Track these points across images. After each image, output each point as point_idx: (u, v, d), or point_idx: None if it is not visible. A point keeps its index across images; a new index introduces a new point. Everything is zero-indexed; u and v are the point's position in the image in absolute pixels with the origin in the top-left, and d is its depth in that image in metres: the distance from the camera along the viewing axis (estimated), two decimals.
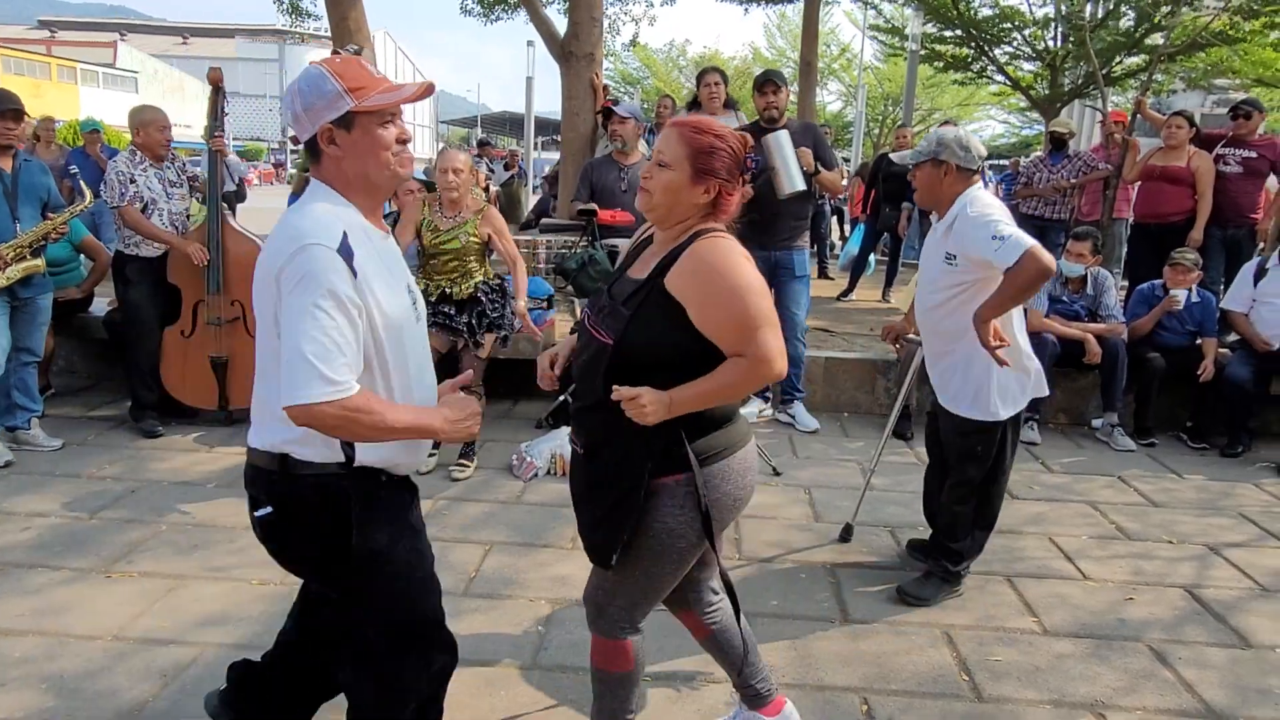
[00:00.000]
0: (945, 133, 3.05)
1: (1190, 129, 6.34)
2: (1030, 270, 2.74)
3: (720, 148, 1.92)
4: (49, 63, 38.04)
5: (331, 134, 1.75)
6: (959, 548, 3.26)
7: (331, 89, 1.72)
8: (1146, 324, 5.35)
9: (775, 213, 4.93)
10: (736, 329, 1.86)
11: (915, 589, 3.25)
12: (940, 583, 3.27)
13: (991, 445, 3.15)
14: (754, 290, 1.86)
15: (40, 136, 9.56)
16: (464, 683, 2.64)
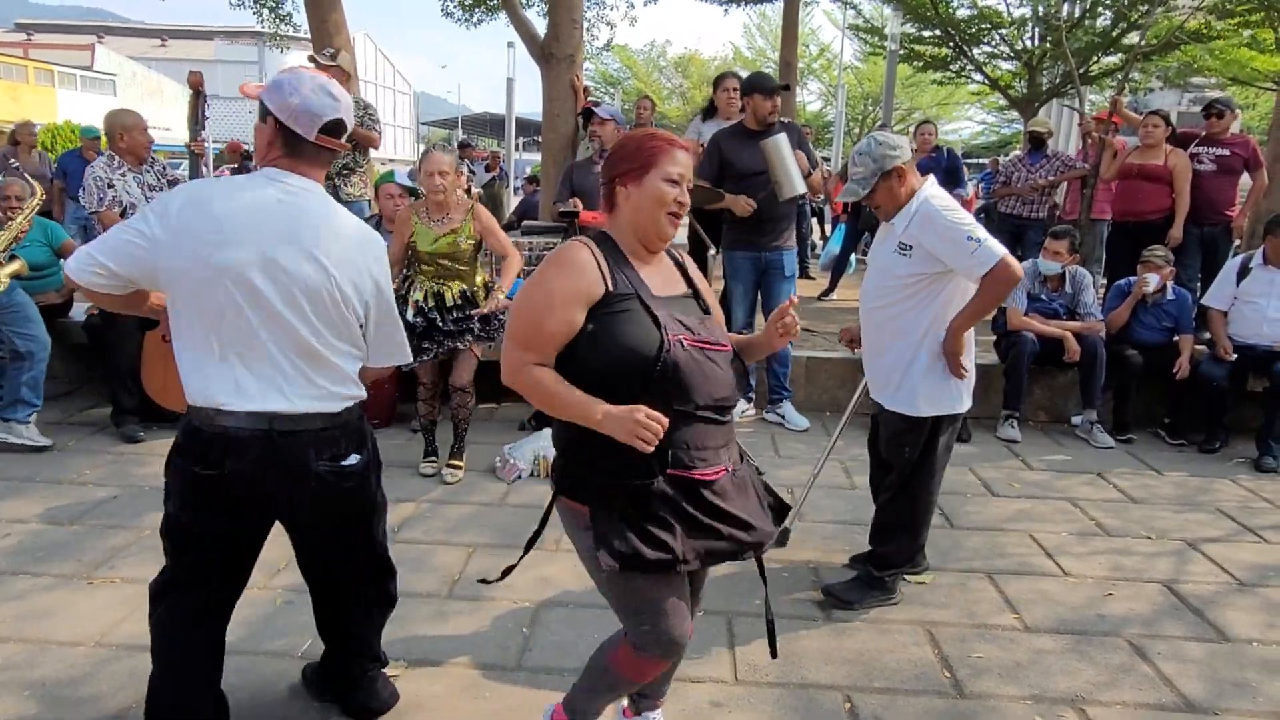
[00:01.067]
0: (868, 146, 3.00)
1: (1166, 128, 6.41)
2: (1005, 277, 2.83)
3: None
4: (26, 65, 37.57)
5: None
6: (884, 551, 3.21)
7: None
8: (1123, 313, 5.41)
9: (763, 215, 4.96)
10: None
11: (841, 591, 3.21)
12: (866, 588, 3.21)
13: (917, 446, 3.09)
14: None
15: (20, 140, 9.50)
16: (449, 684, 2.65)
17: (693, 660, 2.81)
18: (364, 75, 51.28)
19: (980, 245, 2.82)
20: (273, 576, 3.27)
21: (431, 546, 3.60)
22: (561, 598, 3.20)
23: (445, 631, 2.96)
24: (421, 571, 3.36)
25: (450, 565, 3.44)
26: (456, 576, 3.35)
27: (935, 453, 3.11)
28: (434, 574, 3.36)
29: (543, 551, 3.58)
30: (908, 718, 2.57)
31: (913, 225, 2.96)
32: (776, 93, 4.98)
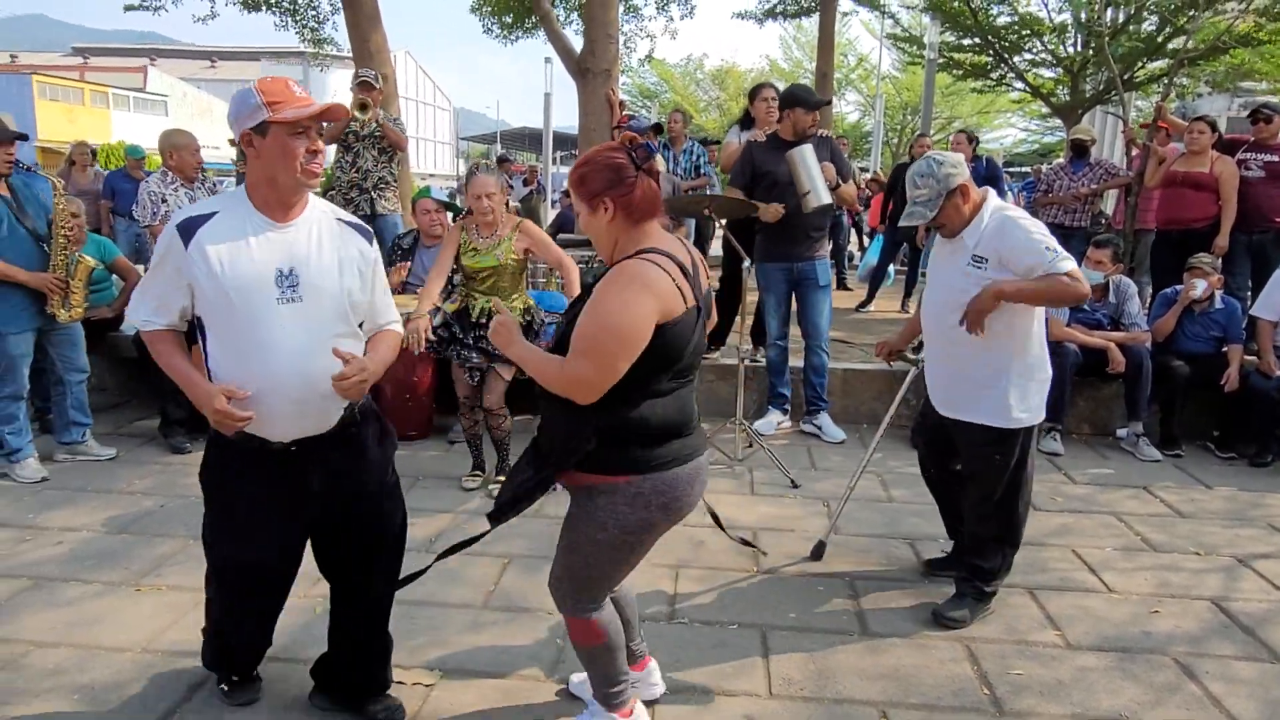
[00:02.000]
0: (928, 168, 2.99)
1: (1213, 134, 6.28)
2: (1067, 287, 2.85)
3: (584, 171, 2.08)
4: (82, 88, 38.87)
5: (250, 138, 2.11)
6: (990, 567, 3.21)
7: (254, 101, 2.08)
8: (1169, 321, 5.31)
9: (796, 225, 4.95)
10: (574, 343, 2.00)
11: (951, 610, 3.17)
12: (974, 603, 3.21)
13: (1010, 455, 3.09)
14: (603, 322, 1.95)
15: (75, 160, 9.83)
16: (483, 694, 2.67)
17: (727, 673, 2.81)
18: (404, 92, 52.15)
19: (1056, 255, 2.85)
20: (312, 585, 3.31)
21: (467, 558, 3.61)
22: None
23: (479, 642, 2.98)
24: (457, 583, 3.40)
25: (485, 576, 3.46)
26: (491, 588, 3.38)
27: (1029, 461, 3.15)
28: (469, 585, 3.39)
29: None
30: None
31: (986, 237, 2.95)
32: (818, 107, 4.99)
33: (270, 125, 2.07)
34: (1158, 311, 5.46)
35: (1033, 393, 3.08)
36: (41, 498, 4.18)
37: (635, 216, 2.05)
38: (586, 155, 2.12)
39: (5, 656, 2.81)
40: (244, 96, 2.11)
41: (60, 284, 4.34)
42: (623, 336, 1.93)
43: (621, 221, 2.05)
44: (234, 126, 2.13)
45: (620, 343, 1.94)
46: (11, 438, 4.37)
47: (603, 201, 2.04)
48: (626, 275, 1.97)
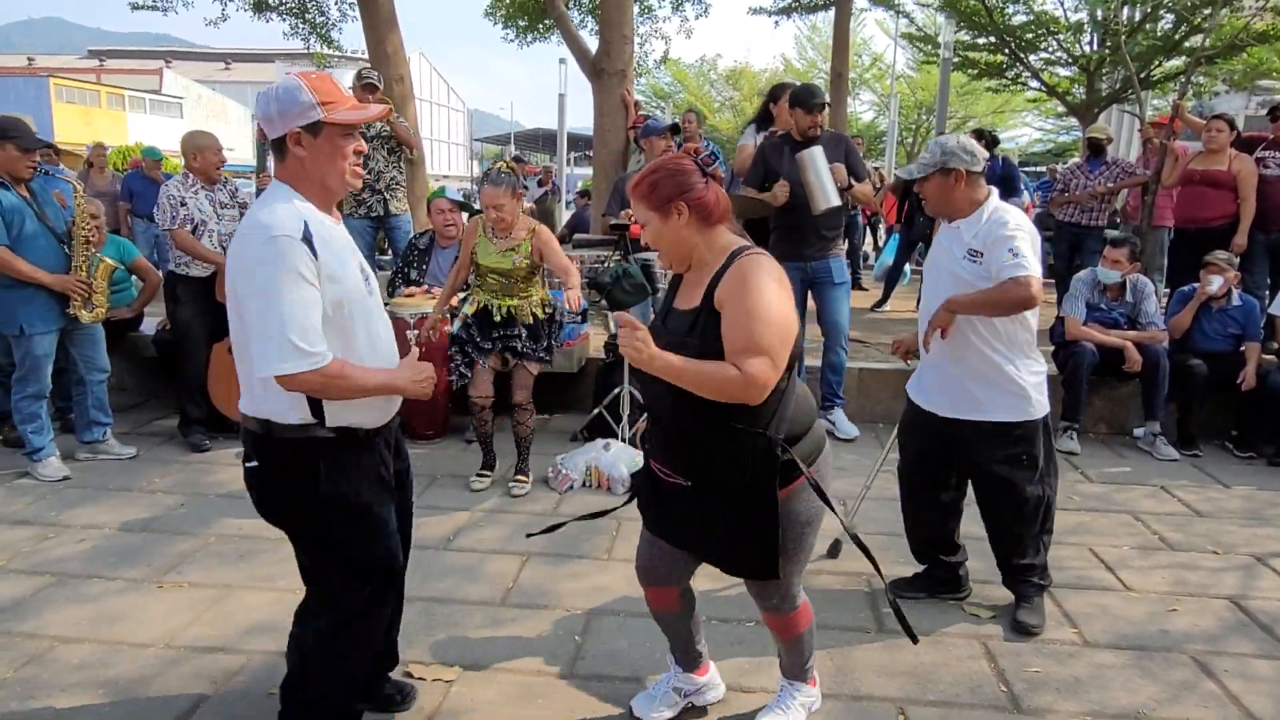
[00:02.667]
0: (946, 141, 3.03)
1: (1231, 132, 6.25)
2: (1008, 292, 2.85)
3: (655, 178, 2.10)
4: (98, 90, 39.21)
5: (299, 138, 2.02)
6: (1040, 563, 3.19)
7: (306, 99, 2.00)
8: (1185, 318, 5.28)
9: (807, 226, 4.95)
10: (740, 344, 1.99)
11: (1030, 618, 3.12)
12: (1043, 601, 3.22)
13: (1037, 445, 3.06)
14: (769, 318, 1.99)
15: (93, 163, 9.94)
16: (502, 690, 2.69)
17: (744, 670, 2.82)
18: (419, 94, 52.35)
19: (1016, 260, 2.85)
20: None
21: (486, 555, 3.66)
22: (613, 606, 3.23)
23: (498, 638, 3.00)
24: (476, 579, 3.42)
25: (504, 573, 3.49)
26: (510, 585, 3.40)
27: (1053, 447, 3.15)
28: (488, 582, 3.41)
29: (595, 561, 3.62)
30: None
31: (982, 232, 2.97)
32: (816, 110, 4.98)
33: (324, 126, 2.01)
34: (1174, 309, 5.44)
35: (1040, 378, 3.07)
36: (63, 496, 4.24)
37: (711, 219, 2.10)
38: (652, 165, 2.14)
39: (31, 651, 2.86)
40: (292, 93, 2.00)
41: (83, 285, 4.40)
42: (787, 329, 2.01)
43: (696, 225, 2.09)
44: (276, 123, 2.01)
45: (785, 336, 2.00)
46: (34, 436, 4.43)
47: (676, 206, 2.07)
48: (763, 270, 2.03)
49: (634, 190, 2.13)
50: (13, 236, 4.20)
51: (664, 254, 2.18)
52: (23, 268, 4.20)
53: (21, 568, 3.46)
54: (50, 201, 4.42)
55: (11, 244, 4.19)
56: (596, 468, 4.44)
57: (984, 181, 3.05)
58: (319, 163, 2.04)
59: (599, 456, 4.48)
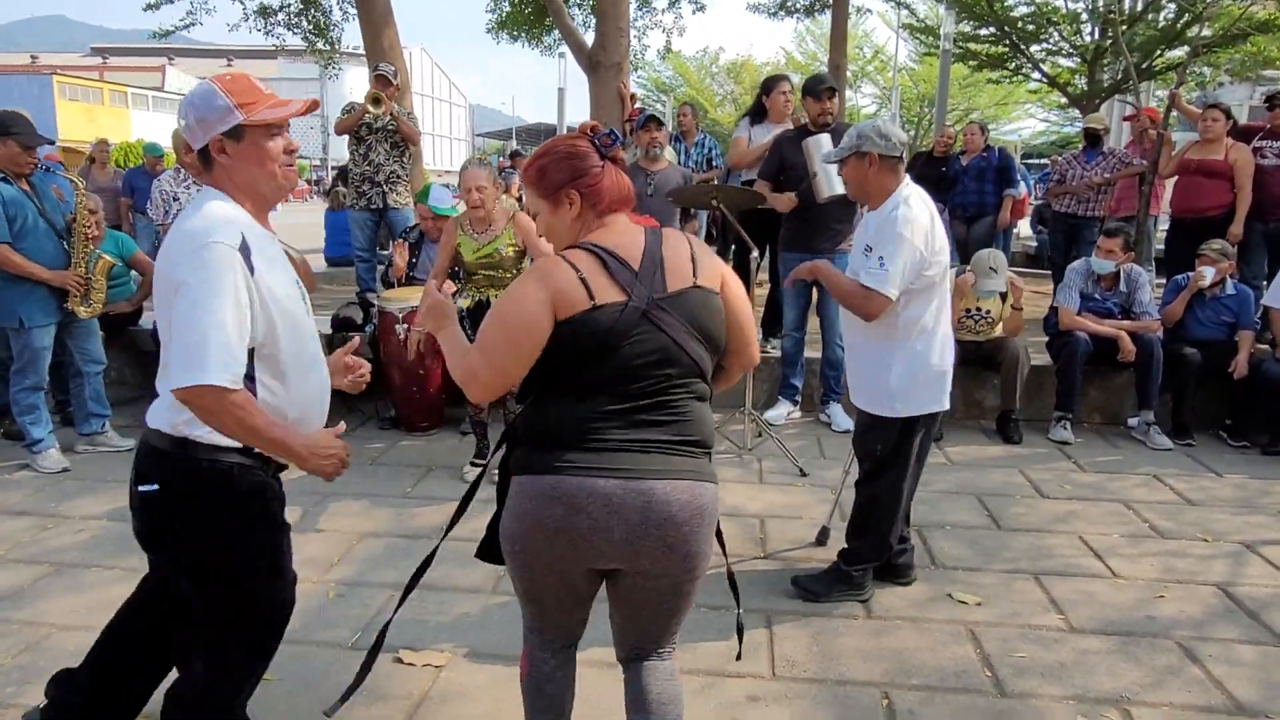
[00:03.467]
0: (863, 125, 3.07)
1: (1227, 121, 6.24)
2: (865, 304, 2.96)
3: (544, 163, 1.88)
4: (101, 88, 39.35)
5: (222, 144, 1.88)
6: (852, 547, 3.24)
7: (222, 104, 1.86)
8: (1177, 308, 5.29)
9: (817, 217, 4.95)
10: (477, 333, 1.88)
11: (809, 582, 3.25)
12: (833, 581, 3.23)
13: (888, 444, 3.10)
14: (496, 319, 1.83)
15: (95, 159, 10.00)
16: (492, 675, 2.73)
17: (731, 656, 2.84)
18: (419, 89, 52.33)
19: (882, 268, 2.90)
20: (326, 571, 3.39)
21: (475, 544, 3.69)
22: (603, 594, 3.25)
23: (490, 625, 3.04)
24: (469, 567, 3.44)
25: None
26: (501, 573, 3.43)
27: (908, 451, 3.13)
28: (480, 570, 3.44)
29: None
30: (946, 715, 2.57)
31: (882, 225, 2.99)
32: (824, 96, 5.00)
33: (245, 129, 1.87)
34: (1168, 298, 5.44)
35: (919, 385, 3.06)
36: (62, 488, 4.28)
37: (601, 209, 1.86)
38: (544, 146, 1.94)
39: (29, 639, 2.90)
40: (206, 97, 1.86)
41: (81, 281, 4.43)
42: (509, 331, 1.76)
43: (587, 215, 1.86)
44: (197, 132, 1.87)
45: (506, 337, 1.77)
46: (33, 428, 4.47)
47: (567, 194, 1.84)
48: (535, 272, 1.80)
49: (525, 174, 1.93)
50: (13, 232, 4.24)
51: (555, 246, 1.92)
52: (21, 263, 4.24)
53: (20, 557, 3.51)
54: (49, 197, 4.46)
55: (12, 239, 4.23)
56: None
57: (902, 170, 3.06)
58: (246, 168, 1.90)
59: None
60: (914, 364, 3.04)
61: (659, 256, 1.83)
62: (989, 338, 5.29)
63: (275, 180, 1.94)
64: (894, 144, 3.00)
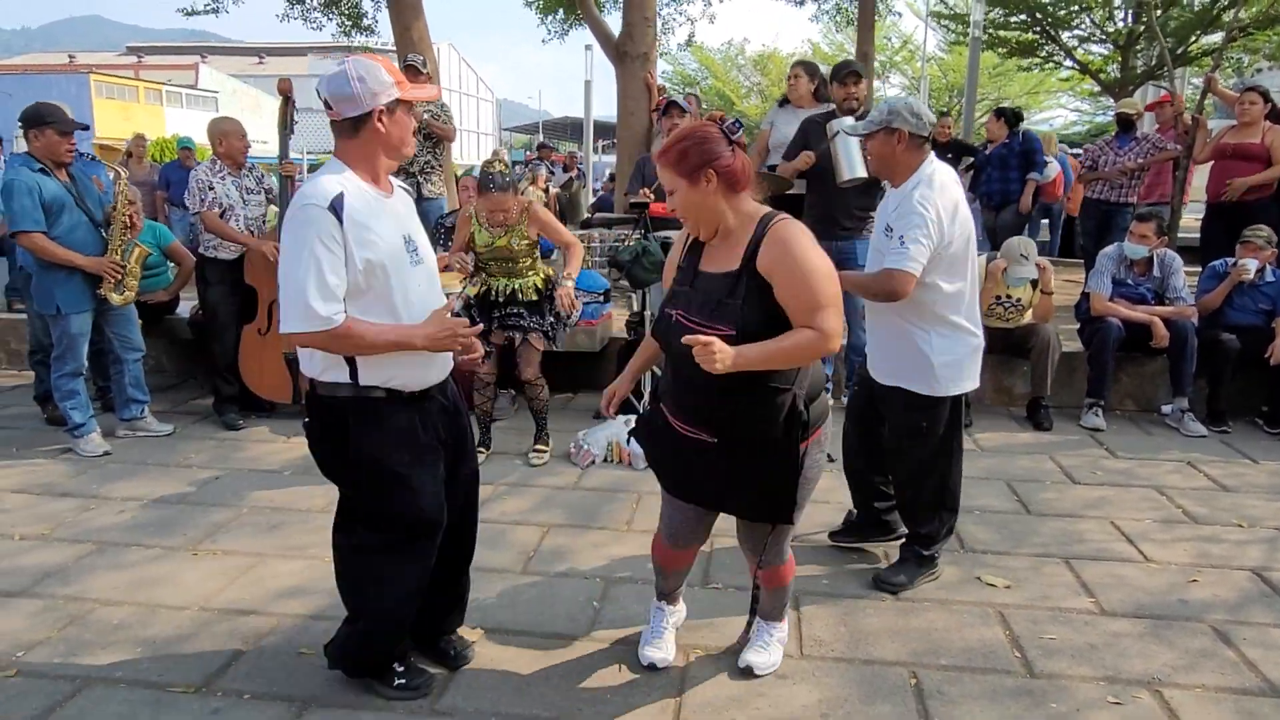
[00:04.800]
0: (895, 101, 3.04)
1: (1266, 104, 6.12)
2: (889, 286, 2.92)
3: (683, 146, 2.16)
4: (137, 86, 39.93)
5: (382, 114, 2.20)
6: (927, 531, 3.21)
7: (388, 79, 2.20)
8: (1217, 298, 5.21)
9: (839, 202, 4.93)
10: (807, 306, 2.13)
11: (891, 575, 3.20)
12: (915, 568, 3.23)
13: (938, 422, 3.09)
14: (822, 274, 2.15)
15: (132, 153, 10.21)
16: (521, 651, 2.77)
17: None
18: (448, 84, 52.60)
19: (903, 246, 2.88)
20: None
21: (508, 525, 3.74)
22: (632, 574, 3.29)
23: (519, 602, 3.08)
24: (498, 548, 3.50)
25: (526, 542, 3.56)
26: (531, 553, 3.47)
27: (959, 427, 3.15)
28: (510, 550, 3.49)
29: (614, 531, 3.69)
30: (974, 694, 2.57)
31: (902, 205, 2.97)
32: (848, 81, 4.98)
33: (400, 103, 2.22)
34: (1206, 285, 5.36)
35: (962, 362, 3.06)
36: (104, 470, 4.38)
37: (737, 185, 2.18)
38: (679, 133, 2.20)
39: (74, 612, 2.98)
40: (374, 72, 2.17)
41: (117, 268, 4.53)
42: (836, 280, 2.19)
43: (724, 191, 2.17)
44: (362, 101, 2.16)
45: (838, 287, 2.19)
46: (74, 413, 4.58)
47: (705, 173, 2.13)
48: (800, 232, 2.18)
49: (662, 157, 2.20)
50: (51, 222, 4.34)
51: (691, 221, 2.24)
52: (57, 251, 4.33)
53: (64, 536, 3.60)
54: (89, 188, 4.57)
55: (50, 229, 4.33)
56: (618, 443, 4.50)
57: (928, 149, 3.04)
58: (398, 134, 2.24)
59: (620, 433, 4.53)
60: (953, 341, 3.03)
61: None
62: (1019, 324, 5.24)
63: (407, 149, 2.30)
64: (924, 123, 2.99)
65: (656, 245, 4.69)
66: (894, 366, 3.14)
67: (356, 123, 2.20)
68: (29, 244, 4.32)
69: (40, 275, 4.42)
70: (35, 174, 4.33)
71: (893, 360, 3.15)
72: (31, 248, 4.33)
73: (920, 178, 2.98)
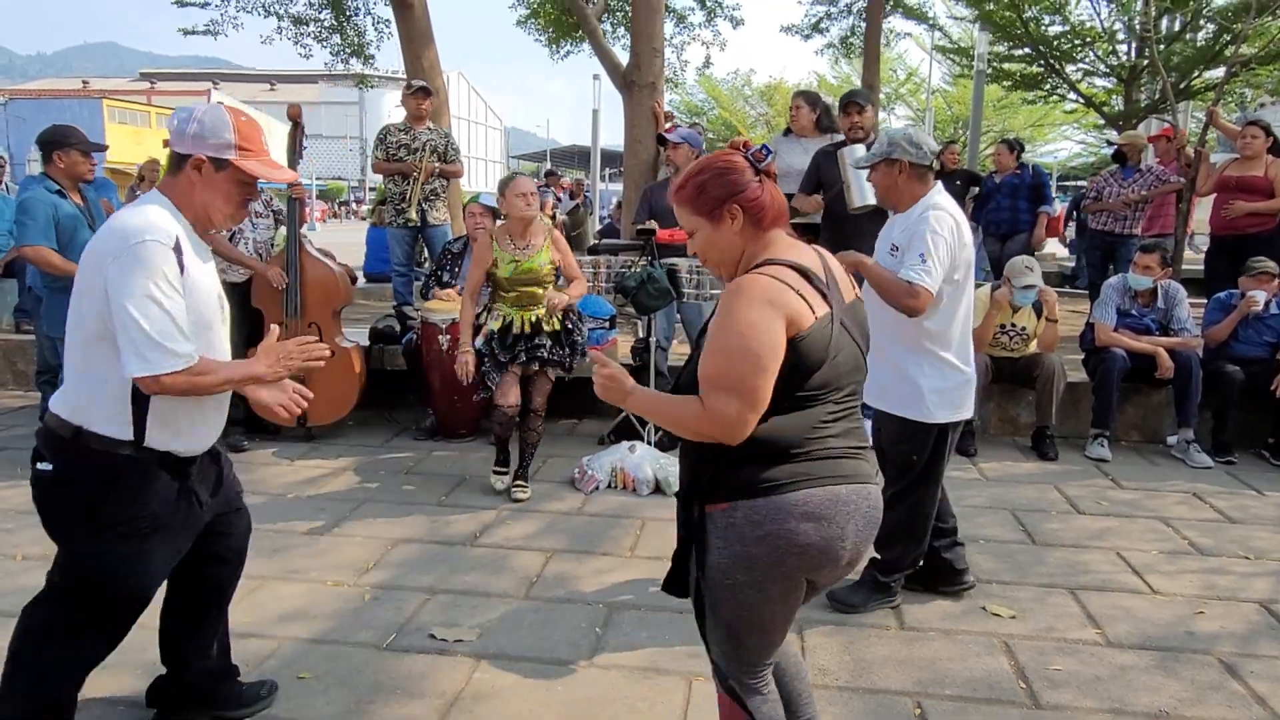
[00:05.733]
0: (894, 132, 3.08)
1: (1267, 138, 6.17)
2: (909, 300, 2.91)
3: (703, 179, 1.86)
4: (149, 111, 40.39)
5: (201, 164, 2.09)
6: (889, 557, 3.20)
7: (228, 138, 2.09)
8: (1224, 330, 5.20)
9: (853, 229, 4.95)
10: (704, 374, 1.77)
11: (845, 595, 3.20)
12: (870, 590, 3.21)
13: (924, 450, 3.08)
14: (736, 350, 1.71)
15: (145, 177, 10.32)
16: (520, 676, 2.75)
17: None
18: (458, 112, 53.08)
19: (923, 264, 2.90)
20: (361, 575, 3.44)
21: (511, 550, 3.73)
22: (634, 601, 3.27)
23: (521, 628, 3.06)
24: (501, 572, 3.49)
25: (529, 567, 3.55)
26: (534, 579, 3.46)
27: (942, 458, 3.12)
28: (513, 575, 3.48)
29: (617, 557, 3.67)
30: None
31: (907, 229, 3.00)
32: (851, 111, 5.03)
33: (230, 166, 2.09)
34: (1212, 317, 5.35)
35: (953, 391, 3.06)
36: None
37: (765, 222, 1.84)
38: (699, 164, 1.90)
39: None
40: (217, 122, 2.07)
41: None
42: (759, 359, 1.70)
43: (750, 229, 1.84)
44: (187, 141, 2.07)
45: (758, 367, 1.70)
46: None
47: (729, 209, 1.82)
48: (745, 294, 1.74)
49: (678, 194, 1.89)
50: (63, 244, 4.39)
51: (714, 264, 1.91)
52: (61, 264, 4.31)
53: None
54: (100, 213, 4.62)
55: (62, 250, 4.38)
56: (622, 469, 4.49)
57: (931, 178, 3.07)
58: (208, 195, 2.11)
59: (624, 458, 4.53)
60: (944, 369, 3.04)
61: (830, 269, 1.90)
62: (1024, 354, 5.25)
63: (224, 217, 2.17)
64: (924, 152, 3.02)
65: (662, 272, 4.72)
66: (883, 389, 3.13)
67: (179, 161, 2.10)
68: (35, 256, 4.36)
69: (51, 297, 4.45)
70: (52, 195, 4.40)
71: (884, 382, 3.11)
72: (38, 260, 4.38)
73: (928, 204, 3.01)
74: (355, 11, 11.24)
